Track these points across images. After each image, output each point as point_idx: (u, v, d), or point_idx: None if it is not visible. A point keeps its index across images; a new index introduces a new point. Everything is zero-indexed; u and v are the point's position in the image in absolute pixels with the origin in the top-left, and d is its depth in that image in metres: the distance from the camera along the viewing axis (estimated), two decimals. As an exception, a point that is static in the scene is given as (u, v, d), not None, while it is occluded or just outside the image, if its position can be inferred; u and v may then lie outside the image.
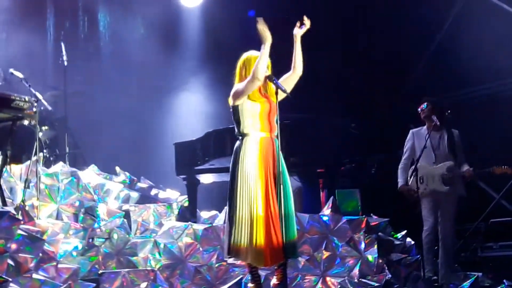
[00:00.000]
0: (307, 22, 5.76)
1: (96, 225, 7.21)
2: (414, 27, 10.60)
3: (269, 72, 5.77)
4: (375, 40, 10.92)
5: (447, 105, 8.22)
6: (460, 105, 10.11)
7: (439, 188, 7.80)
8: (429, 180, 7.83)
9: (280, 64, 5.96)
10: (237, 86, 5.77)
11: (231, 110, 5.85)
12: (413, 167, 7.75)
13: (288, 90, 5.74)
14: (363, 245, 7.20)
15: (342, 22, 10.92)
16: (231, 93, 5.79)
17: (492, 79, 10.52)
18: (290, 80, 5.85)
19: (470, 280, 7.70)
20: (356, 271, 7.07)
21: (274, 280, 5.72)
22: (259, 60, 5.65)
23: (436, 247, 7.83)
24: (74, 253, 6.80)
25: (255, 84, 5.67)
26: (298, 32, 5.77)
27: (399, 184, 7.94)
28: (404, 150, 8.07)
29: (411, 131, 8.14)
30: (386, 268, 7.18)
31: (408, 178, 7.84)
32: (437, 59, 10.95)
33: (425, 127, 8.02)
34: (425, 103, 7.98)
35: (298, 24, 5.76)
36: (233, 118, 5.84)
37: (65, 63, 9.83)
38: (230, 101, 5.81)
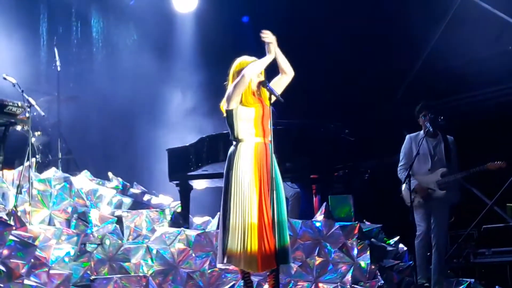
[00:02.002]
0: (265, 37, 5.64)
1: (88, 231, 7.18)
2: (408, 32, 10.62)
3: (262, 77, 5.78)
4: (368, 46, 10.93)
5: (440, 111, 8.21)
6: (453, 110, 10.12)
7: (435, 194, 7.76)
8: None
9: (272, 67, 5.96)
10: (228, 89, 5.78)
11: (224, 115, 5.85)
12: (405, 172, 7.72)
13: (279, 92, 5.75)
14: (355, 251, 7.19)
15: (335, 27, 10.93)
16: (224, 98, 5.80)
17: (482, 86, 10.55)
18: (280, 82, 5.85)
19: (462, 286, 7.74)
20: (348, 277, 7.06)
21: (266, 286, 5.72)
22: (255, 63, 5.68)
23: (428, 253, 7.83)
24: (66, 259, 6.79)
25: (243, 83, 5.65)
26: (268, 45, 5.69)
27: (413, 186, 7.63)
28: (401, 155, 7.99)
29: (408, 136, 8.05)
30: (379, 274, 7.18)
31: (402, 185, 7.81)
32: (431, 64, 10.96)
33: (422, 132, 7.94)
34: (421, 108, 7.95)
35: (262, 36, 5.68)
36: (227, 124, 5.83)
37: (58, 69, 9.84)
38: (224, 106, 5.81)
